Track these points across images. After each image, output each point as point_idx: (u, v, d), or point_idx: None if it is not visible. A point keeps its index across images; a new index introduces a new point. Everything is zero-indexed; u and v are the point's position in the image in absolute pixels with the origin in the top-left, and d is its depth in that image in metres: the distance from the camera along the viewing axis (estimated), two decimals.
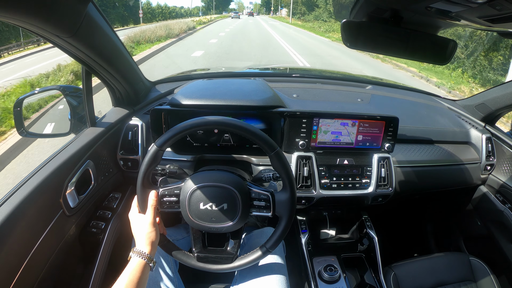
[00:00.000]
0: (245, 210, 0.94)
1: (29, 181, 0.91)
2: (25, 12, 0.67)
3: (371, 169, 1.36)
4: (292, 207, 0.95)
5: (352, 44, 0.84)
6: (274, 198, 0.95)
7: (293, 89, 1.63)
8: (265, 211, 0.96)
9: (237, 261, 1.00)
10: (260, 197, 0.95)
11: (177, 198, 0.96)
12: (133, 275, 0.82)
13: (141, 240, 0.90)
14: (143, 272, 0.85)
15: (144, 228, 0.91)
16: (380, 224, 1.60)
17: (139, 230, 0.91)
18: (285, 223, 0.96)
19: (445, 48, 0.87)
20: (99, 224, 1.21)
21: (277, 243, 0.98)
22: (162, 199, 0.96)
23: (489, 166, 1.59)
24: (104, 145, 1.23)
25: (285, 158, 0.94)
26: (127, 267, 0.84)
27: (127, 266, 0.84)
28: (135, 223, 0.94)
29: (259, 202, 0.95)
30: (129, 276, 0.82)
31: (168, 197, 0.96)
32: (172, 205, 0.97)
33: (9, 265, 0.81)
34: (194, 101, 1.24)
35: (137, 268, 0.84)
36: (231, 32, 21.82)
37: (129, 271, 0.83)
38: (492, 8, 0.52)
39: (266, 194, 0.95)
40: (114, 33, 1.07)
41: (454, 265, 1.46)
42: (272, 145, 0.91)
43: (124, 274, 0.83)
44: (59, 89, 1.21)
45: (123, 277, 0.82)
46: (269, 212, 0.96)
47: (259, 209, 0.96)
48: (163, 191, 0.96)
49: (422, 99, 1.88)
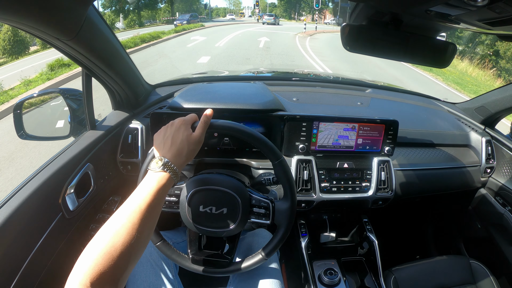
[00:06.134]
0: (244, 216, 0.93)
1: (28, 184, 0.91)
2: (26, 14, 0.67)
3: (371, 172, 1.35)
4: (291, 217, 0.94)
5: (351, 47, 0.84)
6: (274, 207, 0.94)
7: (293, 93, 1.63)
8: (264, 219, 0.95)
9: (232, 266, 1.00)
10: (260, 204, 0.95)
11: (177, 198, 0.95)
12: (158, 189, 0.72)
13: (176, 152, 0.78)
14: (166, 188, 0.74)
15: (186, 142, 0.80)
16: (380, 227, 1.60)
17: (178, 142, 0.79)
18: (283, 232, 0.95)
19: (444, 51, 0.87)
20: (99, 227, 1.20)
21: (274, 251, 0.97)
22: None
23: (489, 169, 1.59)
24: (103, 148, 1.23)
25: (289, 167, 0.94)
26: (149, 179, 0.73)
27: (148, 179, 0.73)
28: (174, 134, 0.80)
29: (259, 209, 0.95)
30: (153, 190, 0.71)
31: (168, 196, 0.96)
32: (171, 205, 0.96)
33: (8, 268, 0.81)
34: (194, 104, 1.24)
35: (161, 181, 0.73)
36: None
37: (152, 184, 0.72)
38: (491, 11, 0.53)
39: (267, 202, 0.95)
40: (114, 36, 1.07)
41: (454, 268, 1.45)
42: (277, 154, 0.91)
43: (144, 186, 0.71)
44: (59, 91, 1.21)
45: (144, 190, 0.70)
46: (268, 220, 0.95)
47: (258, 216, 0.95)
48: None
49: (422, 102, 1.88)
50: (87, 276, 0.56)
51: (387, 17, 0.79)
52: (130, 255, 0.63)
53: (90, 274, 0.56)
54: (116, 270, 0.60)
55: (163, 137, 0.81)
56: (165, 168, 0.74)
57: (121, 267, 0.61)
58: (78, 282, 0.56)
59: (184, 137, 0.80)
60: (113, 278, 0.59)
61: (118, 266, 0.60)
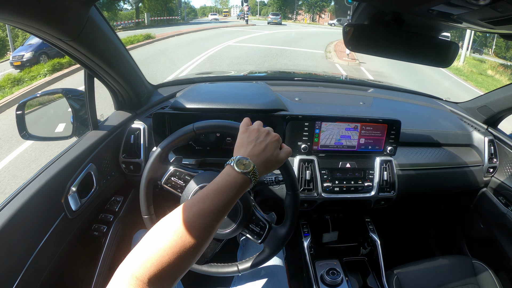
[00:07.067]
0: (239, 227, 0.93)
1: (31, 184, 0.91)
2: (28, 15, 0.67)
3: (373, 172, 1.35)
4: (281, 246, 0.93)
5: (354, 47, 0.84)
6: (269, 230, 0.94)
7: (295, 93, 1.63)
8: (255, 237, 0.93)
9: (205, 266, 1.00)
10: (258, 222, 0.93)
11: (185, 183, 0.95)
12: (238, 192, 0.68)
13: (264, 161, 0.74)
14: (243, 192, 0.70)
15: (274, 158, 0.76)
16: (382, 227, 1.59)
17: (269, 154, 0.75)
18: (266, 255, 0.94)
19: (447, 50, 0.87)
20: (101, 227, 1.21)
21: (250, 269, 0.96)
22: (170, 178, 0.96)
23: (492, 169, 1.59)
24: (106, 149, 1.23)
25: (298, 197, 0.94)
26: (230, 178, 0.68)
27: (229, 177, 0.68)
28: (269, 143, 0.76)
29: (255, 227, 0.93)
30: (233, 191, 0.67)
31: (177, 178, 0.96)
32: (175, 186, 0.96)
33: (11, 268, 0.81)
34: (196, 104, 1.24)
35: (243, 184, 0.69)
36: None
37: (234, 184, 0.68)
38: (494, 10, 0.52)
39: (265, 223, 0.94)
40: (116, 37, 1.07)
41: (457, 268, 1.45)
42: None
43: (224, 185, 0.67)
44: (61, 92, 1.22)
45: (224, 189, 0.66)
46: (259, 240, 0.93)
47: (252, 232, 0.94)
48: (175, 170, 0.96)
49: (424, 102, 1.88)
50: (145, 270, 0.53)
51: (389, 16, 0.78)
52: (196, 256, 0.60)
53: (149, 269, 0.53)
54: (179, 268, 0.57)
55: (255, 139, 0.76)
56: (250, 173, 0.70)
57: (184, 266, 0.58)
58: (133, 275, 0.52)
59: (275, 152, 0.77)
60: (173, 275, 0.56)
61: (181, 265, 0.57)
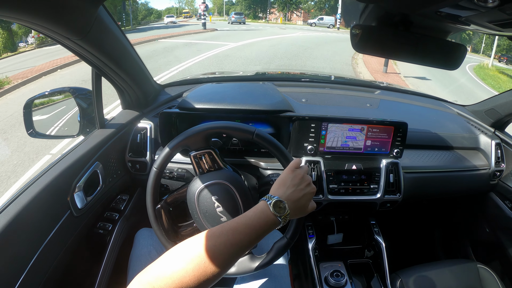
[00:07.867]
0: None
1: (37, 181, 0.92)
2: (36, 14, 0.68)
3: (379, 174, 1.34)
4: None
5: (361, 48, 0.83)
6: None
7: (302, 94, 1.63)
8: None
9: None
10: None
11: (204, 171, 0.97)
12: (265, 231, 0.68)
13: (296, 207, 0.74)
14: (269, 231, 0.70)
15: (305, 207, 0.77)
16: (387, 230, 1.59)
17: (303, 202, 0.75)
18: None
19: (455, 53, 0.86)
20: (106, 226, 1.22)
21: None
22: (204, 155, 0.96)
23: (498, 172, 1.57)
24: (112, 147, 1.24)
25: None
26: (262, 215, 0.69)
27: (261, 214, 0.69)
28: (306, 193, 0.76)
29: None
30: (262, 229, 0.67)
31: (207, 159, 0.96)
32: (199, 165, 0.96)
33: (16, 264, 0.82)
34: (203, 104, 1.25)
35: (272, 224, 0.69)
36: None
37: (263, 223, 0.68)
38: (502, 13, 0.52)
39: None
40: (124, 36, 1.08)
41: (461, 273, 1.44)
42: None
43: (254, 221, 0.68)
44: (69, 90, 1.23)
45: (252, 225, 0.67)
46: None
47: None
48: (211, 152, 0.96)
49: (431, 105, 1.87)
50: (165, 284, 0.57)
51: (397, 18, 0.78)
52: (213, 282, 0.62)
53: (169, 285, 0.57)
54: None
55: (297, 185, 0.76)
56: (282, 217, 0.70)
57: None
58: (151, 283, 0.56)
59: (307, 203, 0.77)
60: None
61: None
